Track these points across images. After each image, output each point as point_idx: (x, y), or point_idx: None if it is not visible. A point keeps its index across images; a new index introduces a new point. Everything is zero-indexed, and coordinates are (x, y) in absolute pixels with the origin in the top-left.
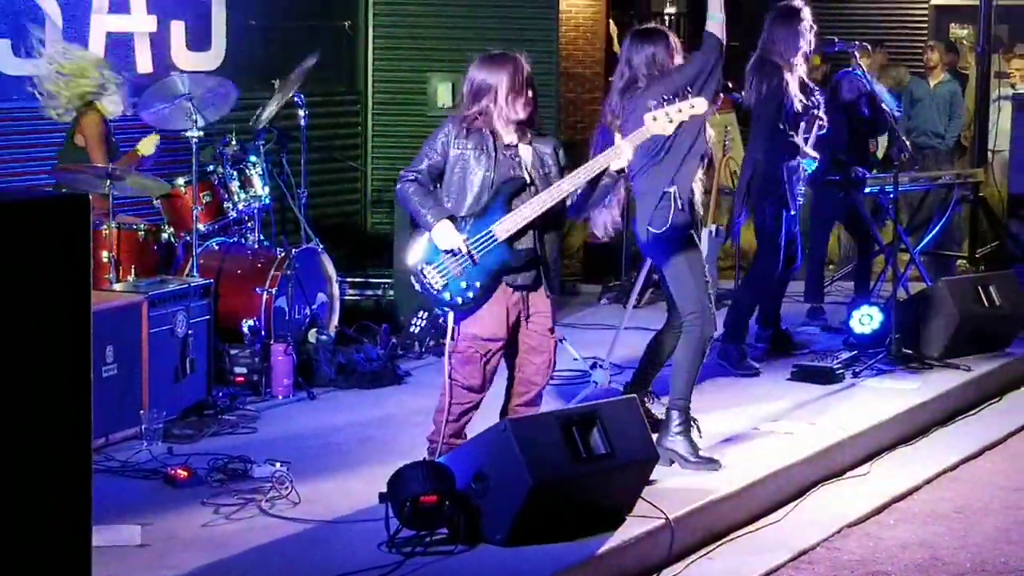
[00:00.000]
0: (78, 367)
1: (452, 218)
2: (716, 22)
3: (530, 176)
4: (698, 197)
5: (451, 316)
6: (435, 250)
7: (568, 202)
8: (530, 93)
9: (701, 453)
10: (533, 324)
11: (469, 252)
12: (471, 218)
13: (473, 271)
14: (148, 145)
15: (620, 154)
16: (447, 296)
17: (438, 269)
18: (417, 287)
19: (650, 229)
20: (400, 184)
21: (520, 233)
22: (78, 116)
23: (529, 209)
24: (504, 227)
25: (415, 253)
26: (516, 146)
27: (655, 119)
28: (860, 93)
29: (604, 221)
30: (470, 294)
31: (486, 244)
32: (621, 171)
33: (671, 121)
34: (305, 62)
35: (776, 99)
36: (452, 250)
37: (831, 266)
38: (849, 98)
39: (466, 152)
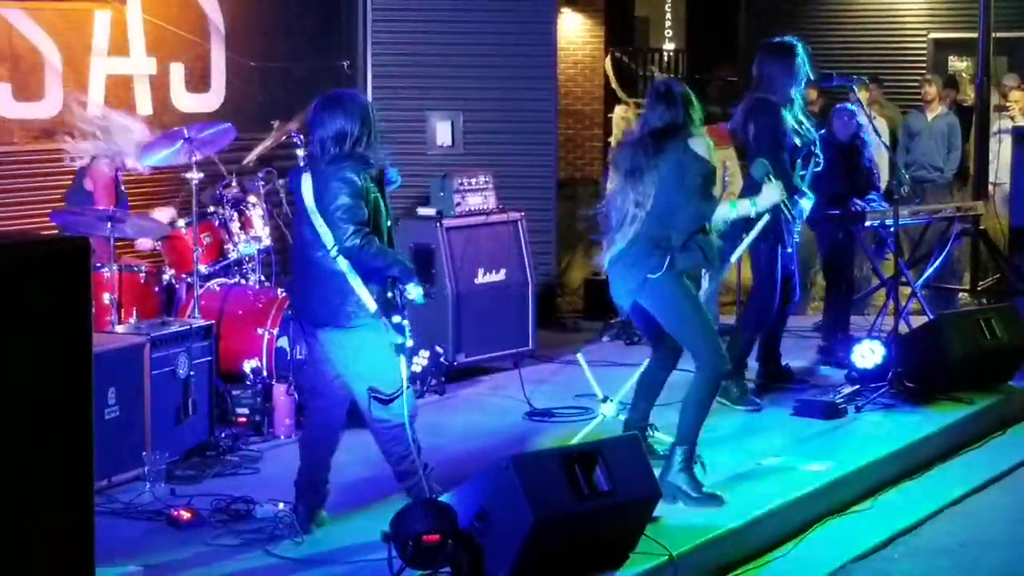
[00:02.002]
0: (79, 409)
1: None
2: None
3: None
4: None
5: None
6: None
7: None
8: None
9: (704, 489)
10: None
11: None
12: None
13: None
14: (164, 215)
15: None
16: (403, 343)
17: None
18: (400, 340)
19: (648, 276)
20: (360, 239)
21: None
22: (90, 162)
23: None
24: None
25: (381, 305)
26: None
27: None
28: (853, 132)
29: None
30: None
31: None
32: None
33: None
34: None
35: (774, 138)
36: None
37: (815, 303)
38: (842, 135)
39: (374, 195)
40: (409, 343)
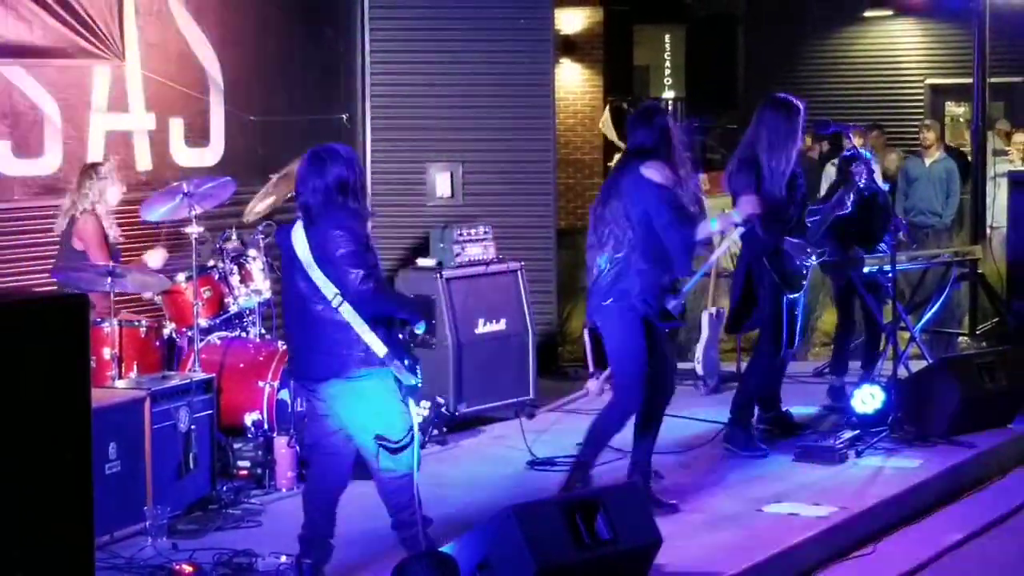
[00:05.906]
0: (79, 465)
1: None
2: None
3: None
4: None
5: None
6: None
7: None
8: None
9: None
10: None
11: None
12: None
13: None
14: (155, 258)
15: None
16: (417, 383)
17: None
18: (413, 381)
19: (603, 303)
20: (371, 284)
21: None
22: (73, 220)
23: None
24: None
25: (391, 348)
26: None
27: None
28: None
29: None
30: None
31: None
32: None
33: None
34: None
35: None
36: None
37: (815, 348)
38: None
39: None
40: (419, 383)
